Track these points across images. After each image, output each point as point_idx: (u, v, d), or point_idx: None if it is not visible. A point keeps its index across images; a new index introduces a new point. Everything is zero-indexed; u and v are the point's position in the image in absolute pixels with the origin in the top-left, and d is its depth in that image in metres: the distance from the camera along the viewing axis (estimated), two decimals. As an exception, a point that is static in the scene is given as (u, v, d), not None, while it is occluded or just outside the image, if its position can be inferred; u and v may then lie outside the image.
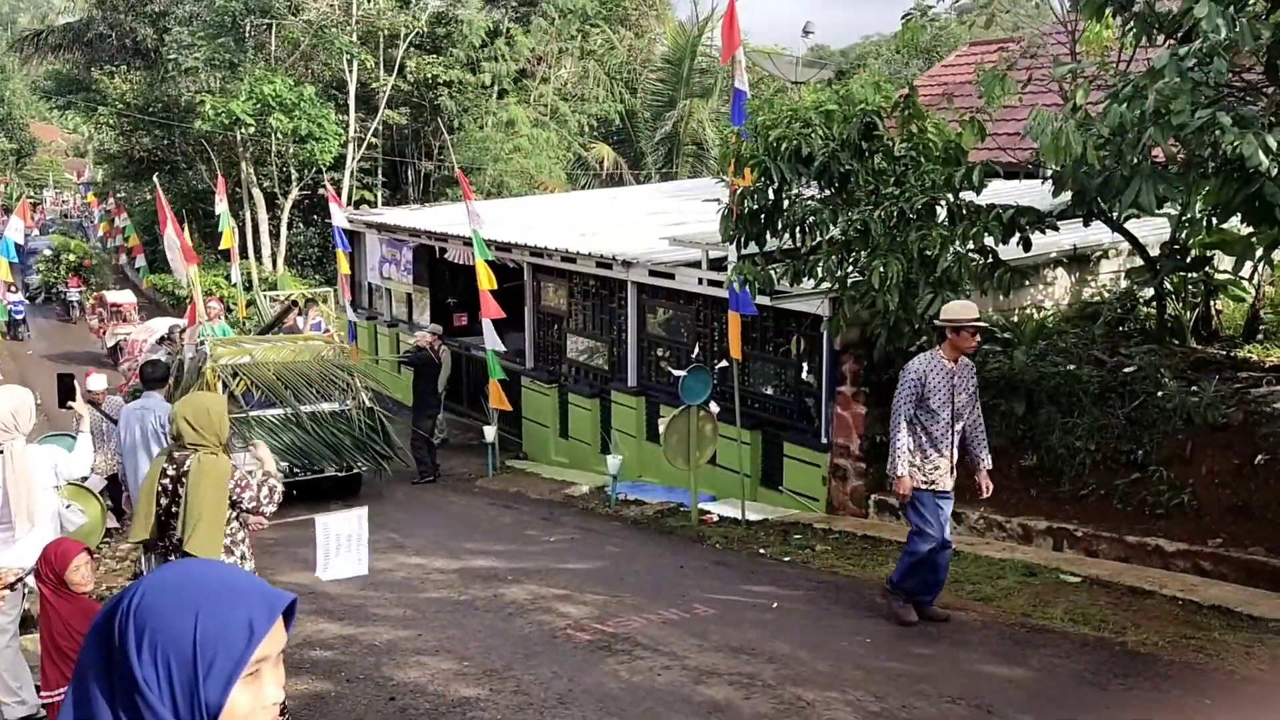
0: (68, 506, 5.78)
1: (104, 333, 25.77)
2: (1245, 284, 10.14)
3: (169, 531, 5.01)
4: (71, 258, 34.88)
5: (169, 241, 14.29)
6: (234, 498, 5.08)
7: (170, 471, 4.95)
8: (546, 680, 6.10)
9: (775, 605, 7.48)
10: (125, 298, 27.69)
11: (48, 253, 36.34)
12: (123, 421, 7.66)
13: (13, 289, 30.03)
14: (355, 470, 12.26)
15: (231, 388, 11.78)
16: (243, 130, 27.71)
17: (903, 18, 9.07)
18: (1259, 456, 7.67)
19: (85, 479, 7.48)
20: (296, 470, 11.54)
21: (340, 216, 18.46)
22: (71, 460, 5.82)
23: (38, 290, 35.52)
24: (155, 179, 19.12)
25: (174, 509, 4.94)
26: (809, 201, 8.91)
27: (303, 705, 5.68)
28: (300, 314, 17.38)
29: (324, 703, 5.96)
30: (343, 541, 5.48)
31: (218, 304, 16.79)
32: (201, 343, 12.62)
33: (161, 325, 19.97)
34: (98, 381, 11.34)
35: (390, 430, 12.63)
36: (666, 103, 32.65)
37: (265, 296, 24.77)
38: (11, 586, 4.01)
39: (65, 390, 6.01)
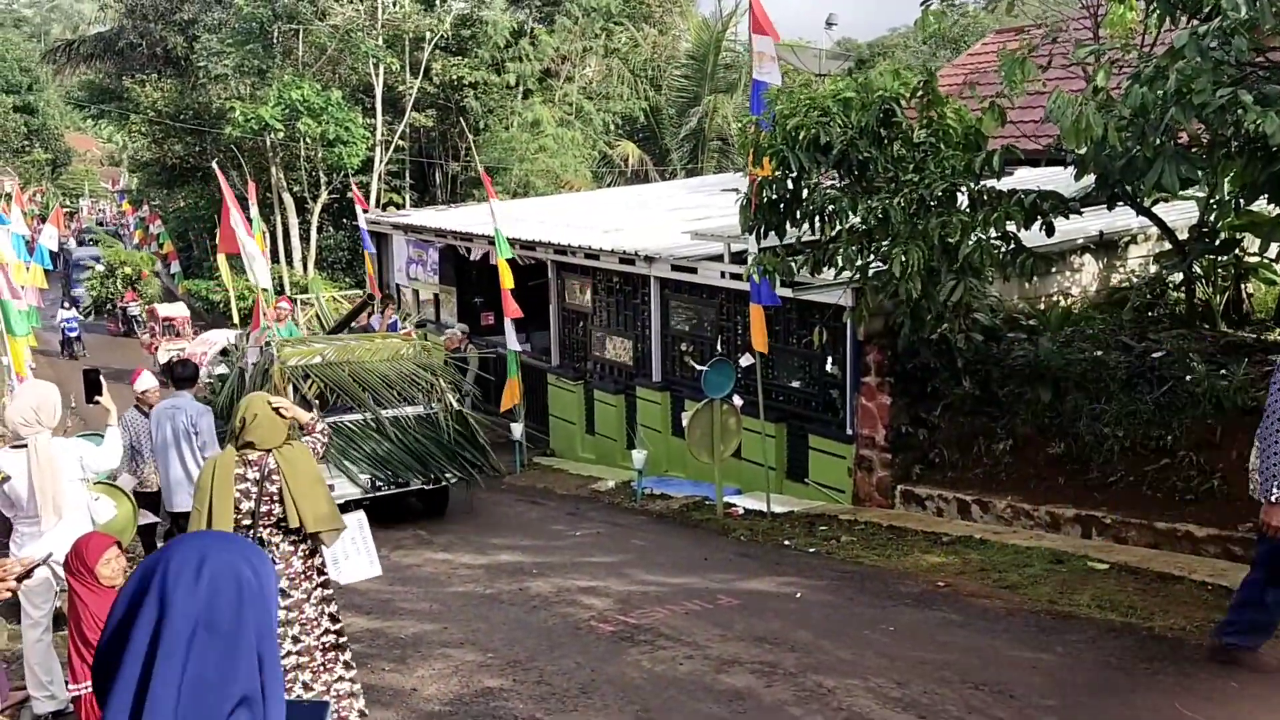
0: (96, 500, 5.87)
1: (156, 348, 24.65)
2: (1277, 266, 10.00)
3: (253, 531, 5.01)
4: (128, 270, 33.55)
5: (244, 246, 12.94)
6: None
7: (251, 475, 4.97)
8: (570, 671, 6.13)
9: (799, 595, 7.46)
10: (178, 311, 26.59)
11: (100, 267, 34.73)
12: (154, 420, 7.77)
13: (65, 305, 29.91)
14: (444, 483, 11.01)
15: (303, 391, 10.49)
16: (272, 135, 27.99)
17: (921, 3, 9.01)
18: (1290, 440, 7.54)
19: (115, 475, 7.60)
20: (379, 484, 10.48)
21: (364, 219, 18.65)
22: (99, 453, 5.90)
23: (89, 308, 34.16)
24: (215, 164, 18.25)
25: (262, 507, 4.97)
26: (828, 190, 8.87)
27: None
28: (372, 314, 15.88)
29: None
30: (348, 545, 5.49)
31: (287, 304, 14.98)
32: (267, 344, 11.50)
33: (221, 337, 18.80)
34: (146, 381, 10.57)
35: (481, 437, 11.34)
36: (691, 99, 32.67)
37: (321, 297, 23.68)
38: (29, 574, 4.07)
39: (91, 385, 6.08)
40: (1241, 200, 8.08)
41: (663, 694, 5.66)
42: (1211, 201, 8.85)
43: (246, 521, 4.94)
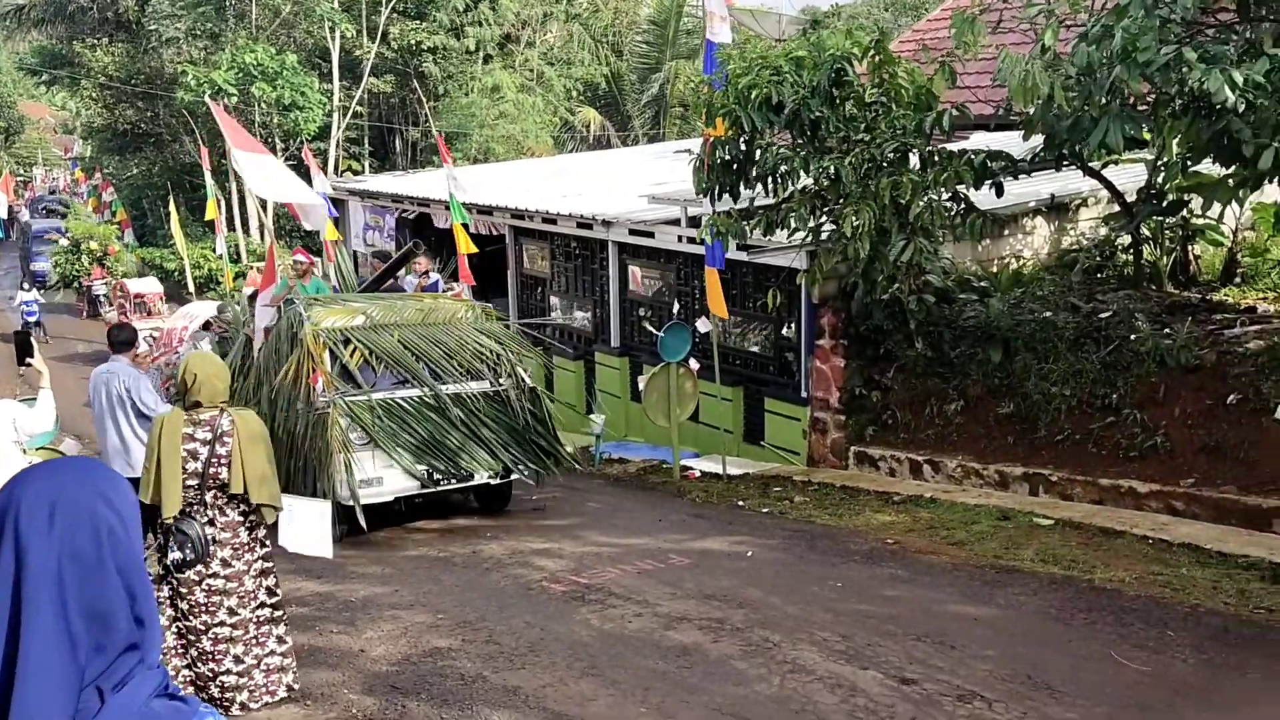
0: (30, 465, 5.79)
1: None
2: (1223, 228, 10.12)
3: (199, 494, 4.91)
4: (94, 246, 30.59)
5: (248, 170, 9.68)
6: None
7: (201, 435, 4.84)
8: (519, 630, 6.14)
9: (750, 554, 7.51)
10: (150, 287, 24.43)
11: (64, 242, 32.35)
12: (90, 387, 7.59)
13: (25, 285, 28.48)
14: (512, 476, 9.06)
15: (344, 358, 8.74)
16: (225, 100, 27.50)
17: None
18: (1231, 396, 7.69)
19: (56, 438, 7.46)
20: (439, 477, 8.64)
21: (323, 183, 18.36)
22: (33, 416, 5.80)
23: (56, 284, 31.43)
24: (209, 98, 15.48)
25: (210, 469, 4.87)
26: (780, 150, 8.86)
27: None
28: (409, 271, 12.60)
29: (296, 655, 5.99)
30: (304, 525, 5.40)
31: (305, 256, 12.32)
32: (289, 303, 9.53)
33: (203, 310, 16.79)
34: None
35: (556, 420, 9.41)
36: (653, 65, 32.43)
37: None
38: None
39: (22, 348, 5.97)
40: (1188, 162, 8.15)
41: (610, 650, 5.69)
42: (1159, 163, 8.94)
43: (193, 483, 4.85)
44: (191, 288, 25.11)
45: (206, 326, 14.68)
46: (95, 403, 7.50)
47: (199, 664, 4.93)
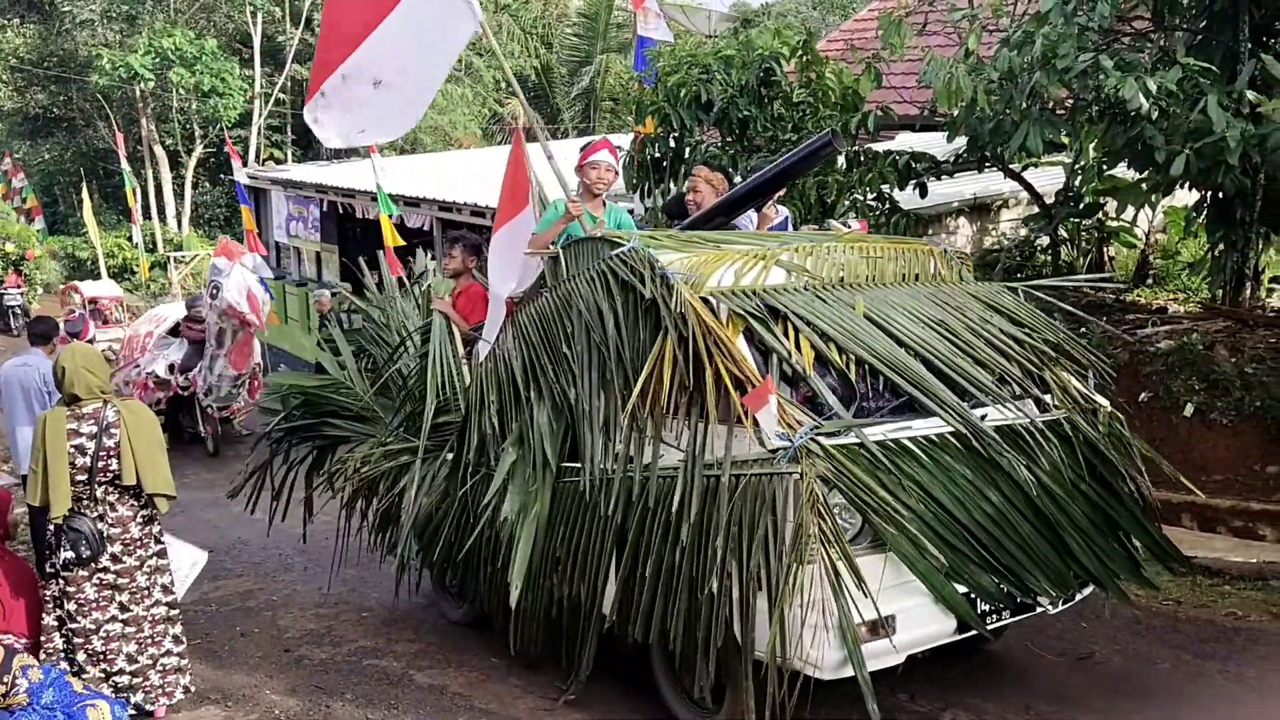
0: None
1: (80, 339, 18.55)
2: (1137, 230, 10.45)
3: (89, 488, 4.77)
4: (10, 249, 26.00)
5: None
6: None
7: (86, 429, 4.73)
8: (444, 629, 6.12)
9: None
10: (106, 290, 21.18)
11: None
12: (2, 381, 7.30)
13: None
14: (1081, 594, 4.69)
15: (781, 351, 4.21)
16: (142, 85, 26.77)
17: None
18: (1143, 394, 7.93)
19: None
20: (987, 607, 4.27)
21: (241, 173, 18.00)
22: None
23: None
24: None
25: (99, 463, 4.74)
26: (709, 148, 8.91)
27: (197, 657, 5.58)
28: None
29: (217, 655, 5.89)
30: (175, 567, 5.25)
31: (612, 154, 5.76)
32: (592, 242, 4.94)
33: (173, 311, 14.28)
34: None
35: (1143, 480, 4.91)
36: (583, 58, 32.30)
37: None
38: None
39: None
40: (1104, 165, 8.39)
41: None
42: (1076, 167, 9.18)
43: (82, 478, 4.72)
44: (105, 277, 24.42)
45: (174, 331, 13.09)
46: (6, 398, 7.21)
47: (88, 667, 4.79)
